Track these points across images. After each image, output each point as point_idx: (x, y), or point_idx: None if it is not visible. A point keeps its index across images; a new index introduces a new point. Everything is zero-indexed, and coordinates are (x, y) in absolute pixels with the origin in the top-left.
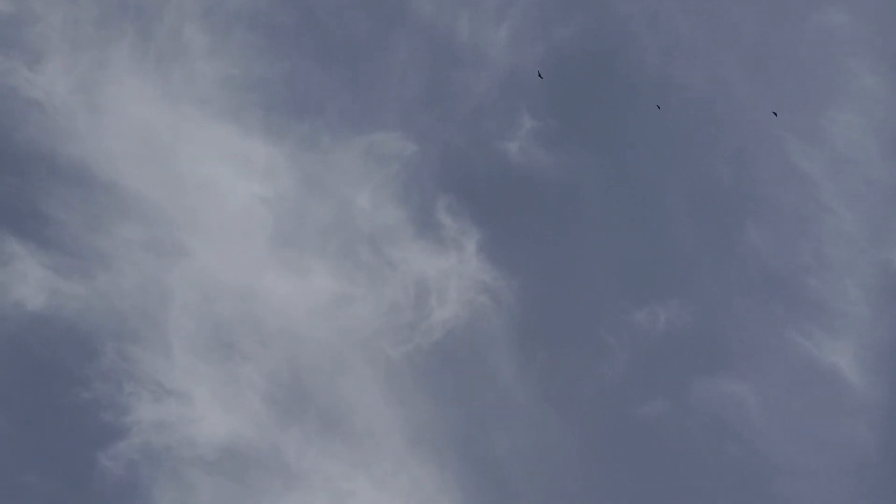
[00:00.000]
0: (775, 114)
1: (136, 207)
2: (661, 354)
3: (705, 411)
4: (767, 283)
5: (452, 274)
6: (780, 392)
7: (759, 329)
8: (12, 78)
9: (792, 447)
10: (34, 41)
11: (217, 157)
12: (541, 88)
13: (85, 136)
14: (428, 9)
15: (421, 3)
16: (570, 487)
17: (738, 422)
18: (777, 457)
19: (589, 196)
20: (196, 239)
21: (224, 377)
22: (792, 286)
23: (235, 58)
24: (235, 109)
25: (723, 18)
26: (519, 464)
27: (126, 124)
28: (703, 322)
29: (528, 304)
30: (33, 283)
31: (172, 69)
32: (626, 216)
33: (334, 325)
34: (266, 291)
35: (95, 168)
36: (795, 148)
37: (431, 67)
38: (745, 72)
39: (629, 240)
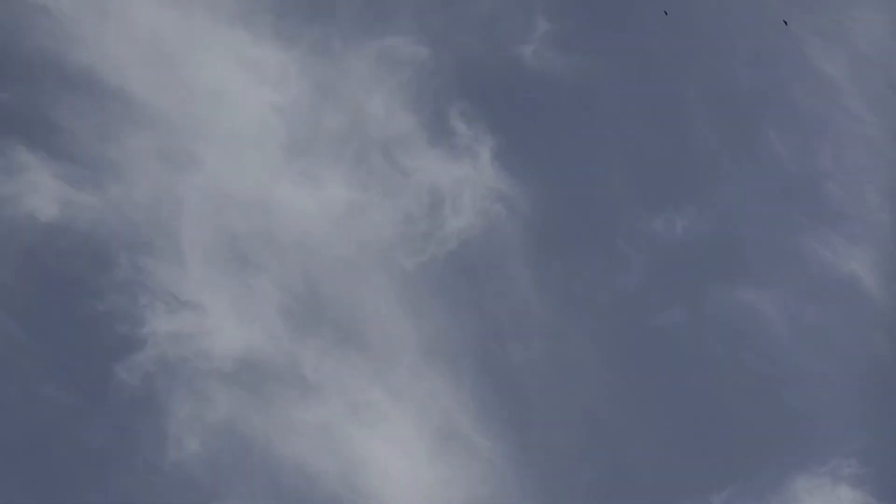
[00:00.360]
0: (785, 22)
1: (146, 116)
2: (677, 263)
3: (722, 320)
4: (786, 188)
5: (467, 182)
6: (798, 300)
7: (777, 236)
8: None
9: (809, 356)
10: None
11: (228, 63)
12: None
13: (93, 43)
14: None
15: None
16: (586, 397)
17: (754, 330)
18: (794, 365)
19: (605, 101)
20: (207, 148)
21: (239, 288)
22: (811, 192)
23: None
24: (246, 14)
25: None
26: (535, 373)
27: (135, 30)
28: (721, 229)
29: (543, 213)
30: (45, 193)
31: None
32: (642, 121)
33: (348, 236)
34: (279, 201)
35: (104, 75)
36: (816, 49)
37: None
38: None
39: (646, 146)
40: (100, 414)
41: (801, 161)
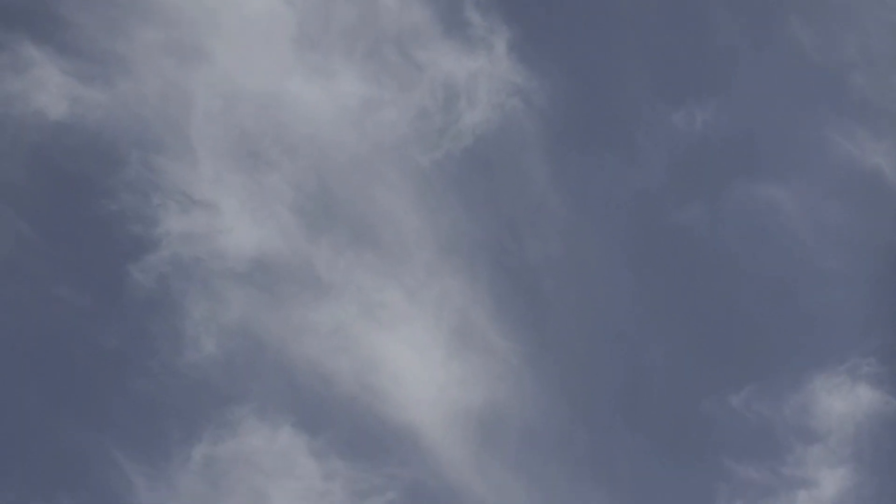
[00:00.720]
0: None
1: (154, 9)
2: (697, 158)
3: (742, 216)
4: (809, 80)
5: (482, 75)
6: (819, 195)
7: (799, 129)
8: None
9: (829, 253)
10: None
11: None
12: None
13: None
14: None
15: None
16: (603, 295)
17: (774, 227)
18: (813, 262)
19: None
20: (217, 42)
21: (251, 187)
22: (835, 83)
23: None
24: None
25: None
26: (552, 271)
27: None
28: (742, 123)
29: (561, 107)
30: (54, 90)
31: None
32: (662, 9)
33: (361, 132)
34: (291, 97)
35: None
36: None
37: None
38: None
39: (665, 36)
40: (115, 315)
41: (825, 51)
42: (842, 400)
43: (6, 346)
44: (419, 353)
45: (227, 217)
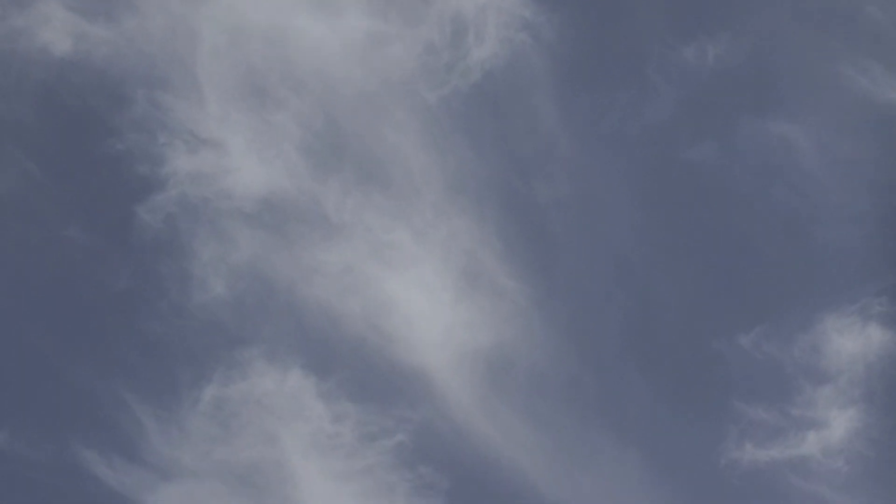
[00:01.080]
0: None
1: None
2: (709, 94)
3: (754, 154)
4: (823, 12)
5: (490, 9)
6: (833, 132)
7: (813, 64)
8: None
9: (842, 190)
10: None
11: None
12: None
13: None
14: None
15: None
16: (613, 235)
17: (787, 164)
18: (826, 200)
19: None
20: None
21: (258, 126)
22: (849, 17)
23: None
24: None
25: None
26: (561, 212)
27: None
28: (754, 58)
29: (570, 42)
30: (58, 26)
31: None
32: None
33: (368, 68)
34: (297, 32)
35: None
36: None
37: None
38: None
39: None
40: (123, 256)
41: None
42: (852, 340)
43: (14, 286)
44: (428, 295)
45: (234, 156)
